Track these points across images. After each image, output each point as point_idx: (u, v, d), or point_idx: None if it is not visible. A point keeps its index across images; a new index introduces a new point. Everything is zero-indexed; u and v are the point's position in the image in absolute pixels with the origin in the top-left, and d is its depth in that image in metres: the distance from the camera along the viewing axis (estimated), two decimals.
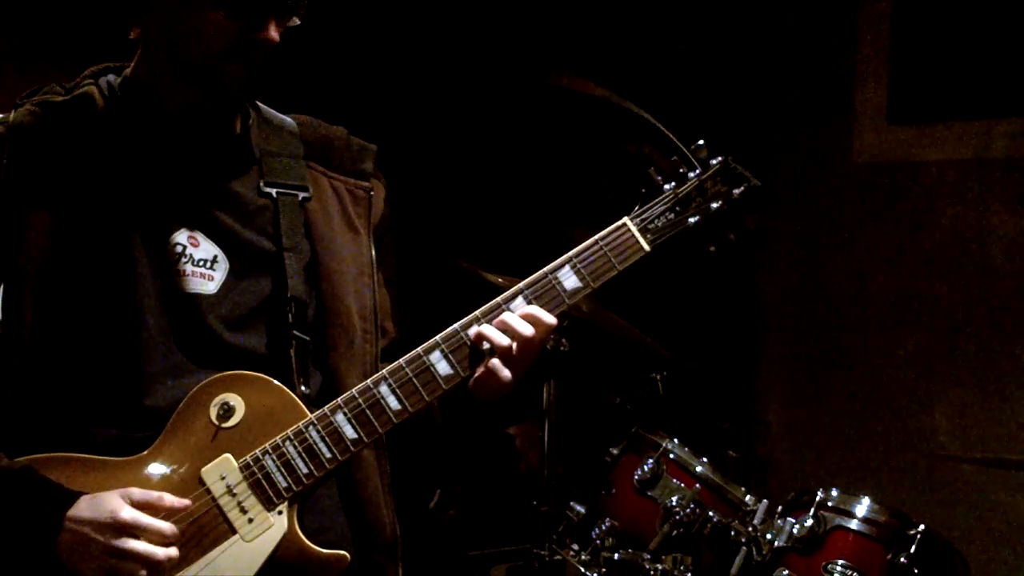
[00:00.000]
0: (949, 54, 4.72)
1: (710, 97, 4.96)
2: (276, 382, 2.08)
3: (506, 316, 2.08)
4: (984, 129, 4.67)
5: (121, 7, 2.10)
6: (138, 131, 2.12)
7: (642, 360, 4.06)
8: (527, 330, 2.07)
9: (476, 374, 2.09)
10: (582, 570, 3.45)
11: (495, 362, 2.07)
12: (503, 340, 2.06)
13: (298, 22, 2.11)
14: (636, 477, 3.54)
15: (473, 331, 2.09)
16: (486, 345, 2.08)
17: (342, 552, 2.06)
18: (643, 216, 2.13)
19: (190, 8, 2.02)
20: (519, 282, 2.11)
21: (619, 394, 4.04)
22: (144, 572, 1.90)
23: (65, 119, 2.10)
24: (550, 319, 2.08)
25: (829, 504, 3.38)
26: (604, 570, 3.44)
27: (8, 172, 2.05)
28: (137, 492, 1.94)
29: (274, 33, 2.05)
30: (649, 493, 3.52)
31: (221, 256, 2.11)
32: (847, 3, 4.95)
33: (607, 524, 3.54)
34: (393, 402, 2.07)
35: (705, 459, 3.57)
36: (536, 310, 2.08)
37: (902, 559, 3.27)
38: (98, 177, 2.08)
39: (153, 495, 1.95)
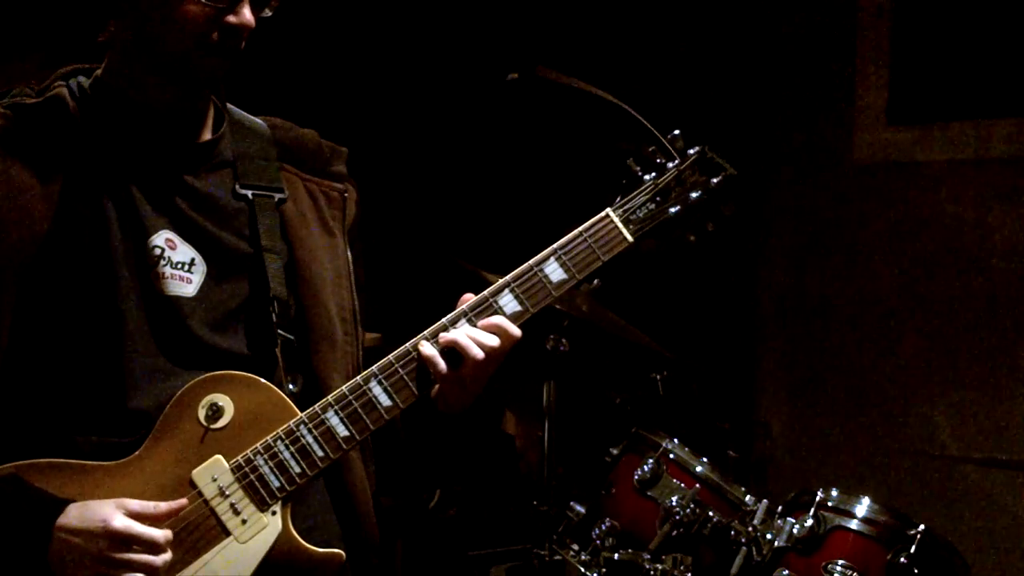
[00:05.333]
0: (948, 54, 4.72)
1: (710, 98, 4.96)
2: (264, 381, 2.06)
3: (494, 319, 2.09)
4: (984, 129, 4.67)
5: (97, 6, 2.08)
6: (110, 133, 2.09)
7: (642, 360, 4.06)
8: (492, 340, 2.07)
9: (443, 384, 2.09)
10: (582, 570, 3.45)
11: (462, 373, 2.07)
12: (475, 348, 2.07)
13: (269, 13, 2.08)
14: (636, 477, 3.53)
15: (459, 328, 2.08)
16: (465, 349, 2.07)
17: (337, 551, 2.05)
18: (625, 207, 2.13)
19: None
20: None
21: (619, 394, 4.04)
22: None
23: (37, 121, 2.06)
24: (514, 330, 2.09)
25: (829, 504, 3.37)
26: (604, 570, 3.44)
27: None
28: (133, 504, 1.91)
29: (249, 17, 2.02)
30: (649, 493, 3.51)
31: (199, 259, 2.08)
32: (847, 3, 4.95)
33: (607, 524, 3.53)
34: (384, 399, 2.06)
35: (705, 459, 3.56)
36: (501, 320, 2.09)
37: (902, 559, 3.26)
38: (73, 180, 2.04)
39: (149, 506, 1.92)
